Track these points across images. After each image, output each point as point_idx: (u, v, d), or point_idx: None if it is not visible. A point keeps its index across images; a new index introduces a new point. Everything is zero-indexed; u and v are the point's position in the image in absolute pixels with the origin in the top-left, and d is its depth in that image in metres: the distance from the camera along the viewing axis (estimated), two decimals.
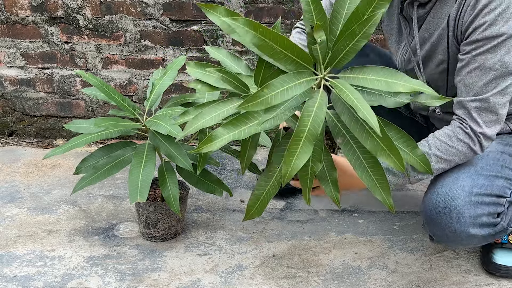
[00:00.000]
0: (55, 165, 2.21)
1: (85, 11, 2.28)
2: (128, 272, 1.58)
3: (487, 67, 1.30)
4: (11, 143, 2.43)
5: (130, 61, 2.35)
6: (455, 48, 1.40)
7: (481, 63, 1.31)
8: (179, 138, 1.31)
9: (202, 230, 1.79)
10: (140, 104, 2.37)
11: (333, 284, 1.54)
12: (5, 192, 2.01)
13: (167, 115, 1.50)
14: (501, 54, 1.29)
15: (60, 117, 2.47)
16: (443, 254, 1.67)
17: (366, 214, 1.89)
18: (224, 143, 1.09)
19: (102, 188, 2.04)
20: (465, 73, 1.34)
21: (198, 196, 2.00)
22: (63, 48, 2.35)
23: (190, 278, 1.56)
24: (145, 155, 1.53)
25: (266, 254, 1.67)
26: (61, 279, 1.55)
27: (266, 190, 1.24)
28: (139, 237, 1.75)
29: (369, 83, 1.07)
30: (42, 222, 1.82)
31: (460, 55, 1.36)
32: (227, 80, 1.22)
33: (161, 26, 2.29)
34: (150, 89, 1.62)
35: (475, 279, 1.56)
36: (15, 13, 2.31)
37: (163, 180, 1.57)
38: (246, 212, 1.26)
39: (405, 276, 1.57)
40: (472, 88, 1.33)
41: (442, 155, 1.35)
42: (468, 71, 1.33)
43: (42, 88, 2.42)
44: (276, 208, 1.92)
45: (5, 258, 1.64)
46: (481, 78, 1.31)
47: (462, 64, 1.35)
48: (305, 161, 1.06)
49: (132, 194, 1.46)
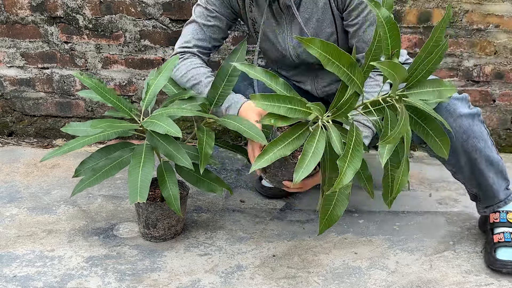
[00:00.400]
0: (55, 165, 2.21)
1: (85, 11, 2.28)
2: (128, 272, 1.58)
3: (374, 22, 1.58)
4: (10, 143, 2.43)
5: (130, 61, 2.35)
6: (340, 18, 1.64)
7: (371, 19, 1.59)
8: (252, 171, 1.37)
9: (202, 230, 1.79)
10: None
11: (333, 284, 1.53)
12: (4, 192, 2.01)
13: (164, 115, 1.50)
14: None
15: (60, 117, 2.47)
16: (443, 254, 1.67)
17: (366, 214, 1.89)
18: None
19: (102, 188, 2.04)
20: (361, 33, 1.62)
21: (198, 196, 2.00)
22: (63, 48, 2.34)
23: (190, 278, 1.56)
24: (144, 156, 1.52)
25: (266, 254, 1.66)
26: (61, 279, 1.54)
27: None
28: (139, 237, 1.75)
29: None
30: (42, 222, 1.82)
31: (349, 21, 1.62)
32: (296, 110, 1.34)
33: (161, 26, 2.28)
34: (145, 90, 1.61)
35: (475, 279, 1.56)
36: (15, 13, 2.30)
37: (162, 180, 1.56)
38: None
39: (405, 276, 1.57)
40: (370, 41, 1.50)
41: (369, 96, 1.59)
42: (363, 30, 1.61)
43: (41, 88, 2.42)
44: (276, 208, 1.92)
45: (4, 258, 1.63)
46: (373, 31, 1.51)
47: (356, 27, 1.62)
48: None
49: (132, 195, 1.46)
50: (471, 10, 2.23)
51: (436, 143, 1.38)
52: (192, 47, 1.71)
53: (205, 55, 1.74)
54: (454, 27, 2.25)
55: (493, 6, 2.22)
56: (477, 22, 2.24)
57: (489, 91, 2.35)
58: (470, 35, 2.26)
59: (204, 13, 1.70)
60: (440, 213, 1.90)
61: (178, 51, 1.73)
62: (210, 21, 1.70)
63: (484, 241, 1.70)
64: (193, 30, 1.72)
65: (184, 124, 2.45)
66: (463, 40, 2.27)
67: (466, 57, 2.29)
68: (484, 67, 2.31)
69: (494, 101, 2.36)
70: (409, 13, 2.24)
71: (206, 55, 1.75)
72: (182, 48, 1.73)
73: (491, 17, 2.23)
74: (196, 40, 1.71)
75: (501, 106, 2.37)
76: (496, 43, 2.27)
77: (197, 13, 1.71)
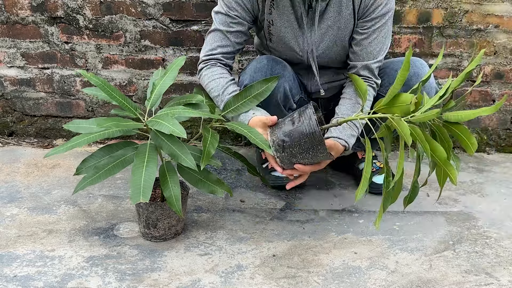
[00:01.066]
0: (55, 165, 2.21)
1: (85, 11, 2.28)
2: (128, 272, 1.58)
3: (381, 37, 1.76)
4: (11, 143, 2.44)
5: (130, 61, 2.35)
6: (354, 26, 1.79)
7: (378, 34, 1.75)
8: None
9: (202, 230, 1.79)
10: (140, 104, 2.37)
11: (333, 284, 1.54)
12: (5, 192, 2.01)
13: (168, 115, 1.50)
14: (389, 24, 1.77)
15: (60, 117, 2.47)
16: (443, 254, 1.67)
17: (366, 214, 1.89)
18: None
19: (102, 188, 2.04)
20: (367, 43, 1.76)
21: (198, 196, 2.00)
22: (63, 48, 2.35)
23: (190, 278, 1.56)
24: (147, 155, 1.52)
25: (266, 254, 1.67)
26: (61, 279, 1.55)
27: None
28: (139, 237, 1.75)
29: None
30: (42, 222, 1.82)
31: (360, 29, 1.76)
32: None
33: (161, 26, 2.29)
34: (151, 89, 1.61)
35: (475, 279, 1.56)
36: (15, 13, 2.31)
37: (164, 181, 1.56)
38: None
39: (405, 276, 1.57)
40: (373, 53, 1.77)
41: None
42: (369, 42, 1.76)
43: (42, 88, 2.42)
44: (276, 208, 1.92)
45: (5, 258, 1.64)
46: (378, 45, 1.77)
47: (363, 36, 1.76)
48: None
49: (134, 195, 1.45)
50: (471, 10, 2.23)
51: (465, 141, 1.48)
52: (217, 54, 1.78)
53: (229, 59, 1.81)
54: (454, 27, 2.25)
55: (493, 6, 2.22)
56: (476, 22, 2.24)
57: (488, 91, 2.35)
58: (469, 35, 2.26)
59: (226, 20, 1.75)
60: (440, 213, 1.90)
61: (203, 59, 1.79)
62: (233, 27, 1.76)
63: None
64: (217, 38, 1.78)
65: (184, 124, 2.45)
66: (463, 40, 2.27)
67: (466, 57, 2.30)
68: (484, 67, 2.31)
69: (494, 101, 2.37)
70: (409, 13, 2.24)
71: (231, 59, 1.81)
72: (207, 56, 1.79)
73: (491, 17, 2.24)
74: (221, 48, 1.77)
75: (501, 106, 2.37)
76: (496, 43, 2.27)
77: (218, 21, 1.76)
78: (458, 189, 2.06)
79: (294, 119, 1.59)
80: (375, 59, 1.78)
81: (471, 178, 2.18)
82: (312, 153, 1.57)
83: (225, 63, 1.79)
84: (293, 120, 1.58)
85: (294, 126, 1.56)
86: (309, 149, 1.56)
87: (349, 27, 1.77)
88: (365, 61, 1.78)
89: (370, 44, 1.76)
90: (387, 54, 2.28)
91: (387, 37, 1.79)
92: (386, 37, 1.78)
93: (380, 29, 1.75)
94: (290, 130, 1.56)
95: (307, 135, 1.54)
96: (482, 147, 2.44)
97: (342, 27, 1.77)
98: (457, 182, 1.44)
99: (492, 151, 2.44)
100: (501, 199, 2.01)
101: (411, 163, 2.32)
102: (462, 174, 2.22)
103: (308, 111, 1.56)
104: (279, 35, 1.80)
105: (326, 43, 1.80)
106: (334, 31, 1.77)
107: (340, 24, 1.76)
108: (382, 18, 1.74)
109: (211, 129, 1.62)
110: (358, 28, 1.77)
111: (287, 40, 1.80)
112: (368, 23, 1.75)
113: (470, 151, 1.45)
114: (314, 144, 1.55)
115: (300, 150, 1.57)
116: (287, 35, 1.79)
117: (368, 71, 1.79)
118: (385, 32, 1.76)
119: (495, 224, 1.84)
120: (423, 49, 2.29)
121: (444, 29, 2.25)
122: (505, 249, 1.70)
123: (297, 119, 1.58)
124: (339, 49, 1.81)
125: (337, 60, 1.86)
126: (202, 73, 1.78)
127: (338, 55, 1.84)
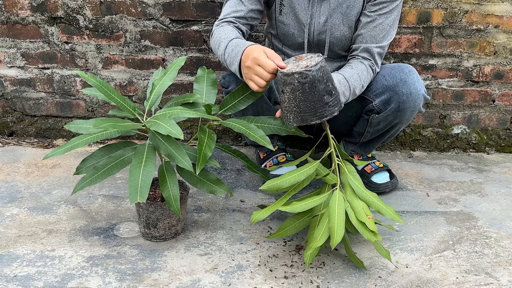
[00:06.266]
0: (55, 165, 2.21)
1: (85, 11, 2.28)
2: (128, 272, 1.58)
3: (387, 24, 1.79)
4: (11, 143, 2.44)
5: (130, 61, 2.35)
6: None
7: (384, 20, 1.78)
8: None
9: (202, 230, 1.79)
10: (140, 104, 2.38)
11: (333, 284, 1.54)
12: (5, 192, 2.01)
13: (167, 115, 1.50)
14: (395, 14, 1.80)
15: (60, 117, 2.47)
16: (443, 254, 1.67)
17: None
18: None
19: (102, 188, 2.04)
20: (372, 27, 1.79)
21: (198, 196, 2.00)
22: (63, 48, 2.35)
23: (190, 278, 1.56)
24: (145, 155, 1.52)
25: (266, 254, 1.67)
26: (61, 279, 1.55)
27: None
28: (139, 237, 1.75)
29: None
30: (42, 222, 1.83)
31: (368, 12, 1.79)
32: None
33: (161, 26, 2.29)
34: (150, 89, 1.62)
35: (475, 279, 1.56)
36: (15, 13, 2.31)
37: (163, 180, 1.57)
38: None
39: (405, 276, 1.57)
40: (376, 38, 1.80)
41: (362, 81, 1.79)
42: (374, 25, 1.79)
43: (42, 88, 2.43)
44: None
45: (5, 258, 1.64)
46: (382, 31, 1.80)
47: (369, 19, 1.79)
48: None
49: (132, 195, 1.46)
50: (471, 11, 2.23)
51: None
52: (230, 17, 1.79)
53: (242, 25, 1.80)
54: (453, 27, 2.25)
55: (493, 7, 2.22)
56: (476, 22, 2.24)
57: (488, 91, 2.35)
58: (469, 35, 2.27)
59: None
60: (440, 213, 1.90)
61: (216, 24, 1.80)
62: None
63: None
64: (232, 3, 1.81)
65: (184, 124, 2.45)
66: (463, 40, 2.27)
67: (466, 57, 2.30)
68: (483, 67, 2.31)
69: (493, 101, 2.37)
70: (409, 13, 2.24)
71: (243, 25, 1.81)
72: (220, 20, 1.80)
73: (491, 17, 2.24)
74: (235, 12, 1.80)
75: (500, 106, 2.37)
76: (496, 43, 2.27)
77: None
78: (458, 189, 2.07)
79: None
80: (378, 44, 1.80)
81: (471, 178, 2.18)
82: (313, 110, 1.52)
83: (238, 25, 1.79)
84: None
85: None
86: (311, 109, 1.51)
87: (358, 7, 1.80)
88: (368, 43, 1.80)
89: (375, 28, 1.79)
90: (387, 54, 2.29)
91: (392, 27, 1.81)
92: (391, 26, 1.80)
93: (387, 16, 1.78)
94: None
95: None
96: (482, 147, 2.44)
97: (351, 5, 1.80)
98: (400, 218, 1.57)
99: (492, 151, 2.44)
100: (501, 199, 2.02)
101: (411, 163, 2.32)
102: (462, 174, 2.22)
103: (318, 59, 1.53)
104: (291, 5, 1.83)
105: (334, 20, 1.82)
106: (343, 9, 1.80)
107: (350, 2, 1.80)
108: (390, 5, 1.77)
109: (208, 129, 1.61)
110: (366, 10, 1.80)
111: (298, 11, 1.83)
112: (376, 7, 1.78)
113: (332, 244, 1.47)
114: (315, 104, 1.50)
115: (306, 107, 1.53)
116: (298, 6, 1.82)
117: (369, 54, 1.81)
118: (391, 20, 1.79)
119: (495, 224, 1.84)
120: (423, 49, 2.29)
121: (444, 29, 2.26)
122: (505, 249, 1.70)
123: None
124: (345, 29, 1.83)
125: (341, 43, 1.86)
126: (213, 33, 1.76)
127: (343, 37, 1.84)
